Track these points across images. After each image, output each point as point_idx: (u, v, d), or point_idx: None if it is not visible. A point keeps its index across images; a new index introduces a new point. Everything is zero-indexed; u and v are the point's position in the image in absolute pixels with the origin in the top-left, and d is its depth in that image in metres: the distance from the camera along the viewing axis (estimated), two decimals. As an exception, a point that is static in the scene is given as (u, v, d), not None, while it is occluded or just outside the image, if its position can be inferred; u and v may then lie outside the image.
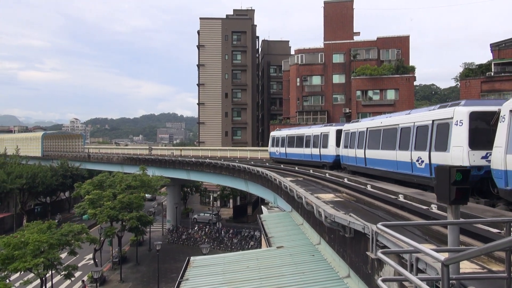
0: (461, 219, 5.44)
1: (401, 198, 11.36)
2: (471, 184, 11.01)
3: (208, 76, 68.06)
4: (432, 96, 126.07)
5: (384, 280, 4.85)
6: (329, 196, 14.86)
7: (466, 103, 12.07)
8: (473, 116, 11.49)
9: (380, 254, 5.37)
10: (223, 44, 67.82)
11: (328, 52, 51.81)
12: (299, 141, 29.91)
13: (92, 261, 35.87)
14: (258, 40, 78.14)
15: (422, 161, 13.58)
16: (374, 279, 7.53)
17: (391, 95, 46.06)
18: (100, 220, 33.03)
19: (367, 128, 19.23)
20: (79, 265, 33.73)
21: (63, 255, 27.93)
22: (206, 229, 47.16)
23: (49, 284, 27.57)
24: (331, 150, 24.52)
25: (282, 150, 33.14)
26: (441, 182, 5.07)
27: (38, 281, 25.35)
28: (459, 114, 11.78)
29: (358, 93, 46.83)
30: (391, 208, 11.71)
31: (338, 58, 51.89)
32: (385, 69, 46.02)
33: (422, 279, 4.34)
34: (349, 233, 9.22)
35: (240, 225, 51.56)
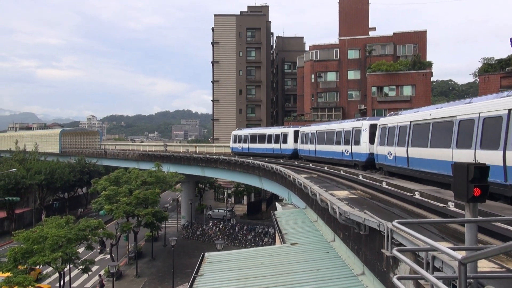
0: (479, 217, 5.34)
1: (417, 195, 11.21)
2: (369, 162, 20.76)
3: (222, 73, 68.18)
4: (449, 92, 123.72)
5: (399, 278, 4.79)
6: (344, 193, 14.76)
7: (369, 118, 22.29)
8: (371, 126, 20.90)
9: (395, 252, 5.32)
10: (237, 41, 67.80)
11: (343, 48, 51.32)
12: (261, 138, 38.45)
13: (108, 256, 36.45)
14: (273, 36, 77.85)
15: (348, 151, 23.40)
16: (390, 277, 7.47)
17: (407, 91, 45.41)
18: (116, 215, 33.51)
19: (316, 131, 28.45)
20: (96, 259, 34.35)
21: (80, 250, 28.45)
22: (221, 225, 47.42)
23: (67, 278, 28.15)
24: (290, 145, 33.84)
25: (245, 145, 41.13)
26: (459, 180, 4.98)
27: (57, 274, 25.88)
28: (365, 125, 21.54)
29: (374, 89, 46.29)
30: (407, 205, 11.56)
31: (353, 54, 51.35)
32: (401, 64, 45.35)
33: (438, 278, 4.28)
34: (364, 231, 9.15)
35: (254, 222, 51.67)
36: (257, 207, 59.73)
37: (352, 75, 51.60)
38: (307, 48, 63.48)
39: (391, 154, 17.17)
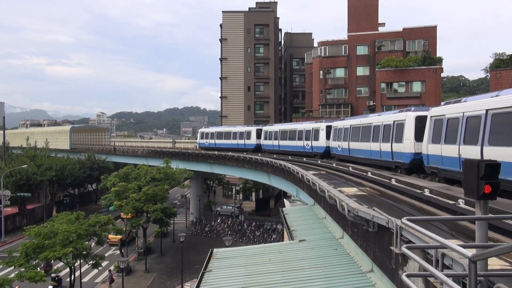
0: (490, 215, 5.28)
1: (426, 192, 11.13)
2: (326, 153, 29.51)
3: (230, 69, 68.15)
4: (460, 88, 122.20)
5: (408, 276, 4.77)
6: (352, 190, 14.70)
7: (326, 121, 29.97)
8: (327, 127, 28.36)
9: (404, 249, 5.29)
10: (245, 37, 67.67)
11: (352, 44, 50.93)
12: (227, 135, 45.37)
13: (118, 252, 36.80)
14: (281, 32, 77.57)
15: (309, 145, 30.55)
16: (398, 274, 7.43)
17: (417, 87, 44.96)
18: (125, 211, 33.77)
19: (279, 130, 35.67)
20: (106, 255, 34.64)
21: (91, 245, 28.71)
22: (229, 222, 47.54)
23: (77, 273, 28.46)
24: (253, 140, 40.91)
25: (212, 141, 48.10)
26: (469, 177, 4.92)
27: (67, 269, 26.19)
28: (322, 126, 28.97)
29: (383, 85, 45.92)
30: (416, 202, 11.49)
31: (362, 50, 50.94)
32: (411, 60, 44.90)
33: (448, 275, 4.25)
34: (372, 228, 9.11)
35: (263, 218, 51.72)
36: (266, 203, 59.77)
37: (361, 71, 51.21)
38: (315, 44, 63.14)
39: (340, 146, 24.77)
